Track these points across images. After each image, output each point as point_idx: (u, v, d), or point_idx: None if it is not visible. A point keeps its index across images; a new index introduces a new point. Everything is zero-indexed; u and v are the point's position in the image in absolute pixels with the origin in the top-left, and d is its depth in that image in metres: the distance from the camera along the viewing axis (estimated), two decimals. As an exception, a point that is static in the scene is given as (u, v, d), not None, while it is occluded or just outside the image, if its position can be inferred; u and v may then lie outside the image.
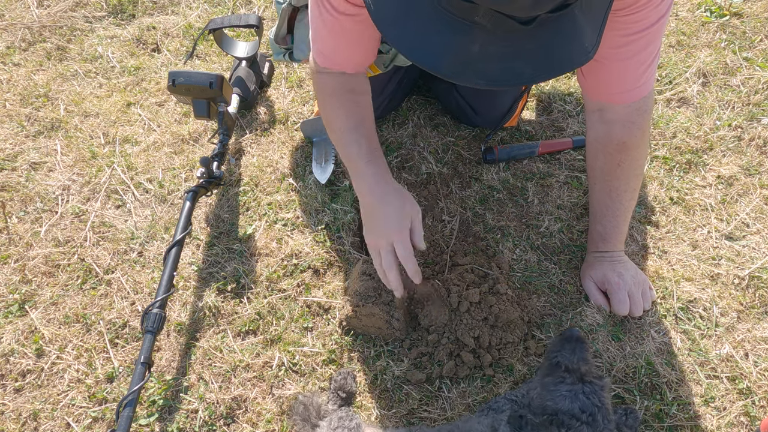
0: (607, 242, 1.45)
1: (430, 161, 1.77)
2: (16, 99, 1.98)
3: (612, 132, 1.34)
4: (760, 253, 1.53)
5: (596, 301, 1.45)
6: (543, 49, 0.84)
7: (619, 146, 1.34)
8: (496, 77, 0.86)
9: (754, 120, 1.80)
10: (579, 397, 1.02)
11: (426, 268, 1.53)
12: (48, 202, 1.71)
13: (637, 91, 1.26)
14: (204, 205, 1.70)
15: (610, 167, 1.38)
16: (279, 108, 1.95)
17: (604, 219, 1.44)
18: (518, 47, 0.83)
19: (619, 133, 1.33)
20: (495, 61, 0.84)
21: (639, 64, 1.21)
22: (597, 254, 1.47)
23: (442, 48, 0.84)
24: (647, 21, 1.12)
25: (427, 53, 0.85)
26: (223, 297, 1.51)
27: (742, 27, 2.04)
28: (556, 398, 1.03)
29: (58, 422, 1.32)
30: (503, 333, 1.37)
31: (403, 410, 1.31)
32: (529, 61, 0.85)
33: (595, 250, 1.48)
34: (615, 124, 1.32)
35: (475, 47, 0.83)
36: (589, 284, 1.46)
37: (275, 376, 1.37)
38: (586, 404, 1.01)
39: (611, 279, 1.42)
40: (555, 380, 1.06)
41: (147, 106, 1.97)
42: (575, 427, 0.98)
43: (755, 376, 1.33)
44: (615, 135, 1.33)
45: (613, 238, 1.45)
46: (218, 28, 1.83)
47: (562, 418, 0.99)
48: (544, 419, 1.00)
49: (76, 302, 1.51)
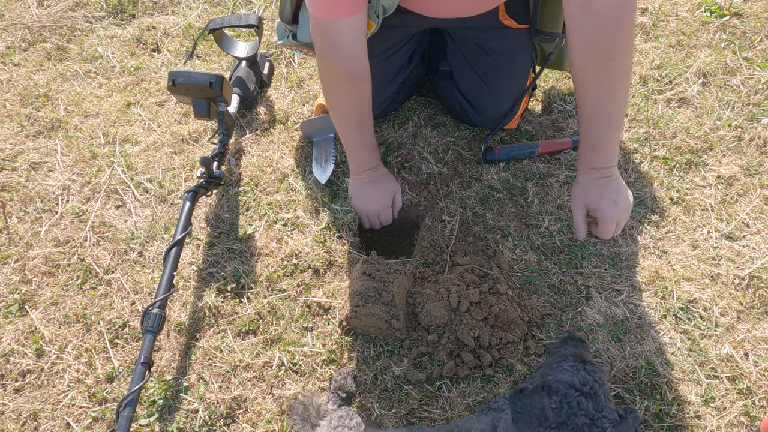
0: (600, 153, 1.36)
1: (430, 161, 1.77)
2: (16, 99, 1.98)
3: (603, 23, 1.24)
4: (760, 253, 1.53)
5: (578, 227, 1.39)
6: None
7: (612, 37, 1.25)
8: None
9: (754, 120, 1.80)
10: (580, 372, 1.01)
11: (426, 268, 1.54)
12: (48, 202, 1.71)
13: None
14: (204, 205, 1.70)
15: (603, 64, 1.29)
16: (279, 108, 1.95)
17: (599, 126, 1.35)
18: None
19: (610, 23, 1.24)
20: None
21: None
22: (590, 172, 1.38)
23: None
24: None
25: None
26: (223, 297, 1.51)
27: (742, 27, 2.04)
28: (556, 372, 1.02)
29: (58, 422, 1.32)
30: (503, 333, 1.37)
31: (403, 410, 1.31)
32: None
33: (588, 167, 1.38)
34: (605, 12, 1.23)
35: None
36: (579, 212, 1.39)
37: (275, 376, 1.37)
38: (586, 379, 1.00)
39: (605, 208, 1.34)
40: (557, 360, 1.06)
41: (147, 106, 1.97)
42: (573, 396, 0.96)
43: (755, 376, 1.33)
44: (606, 27, 1.24)
45: (605, 149, 1.36)
46: (218, 28, 1.83)
47: (557, 387, 0.97)
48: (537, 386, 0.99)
49: (76, 302, 1.51)
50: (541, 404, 0.96)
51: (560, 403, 0.96)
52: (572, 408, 0.96)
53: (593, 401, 0.97)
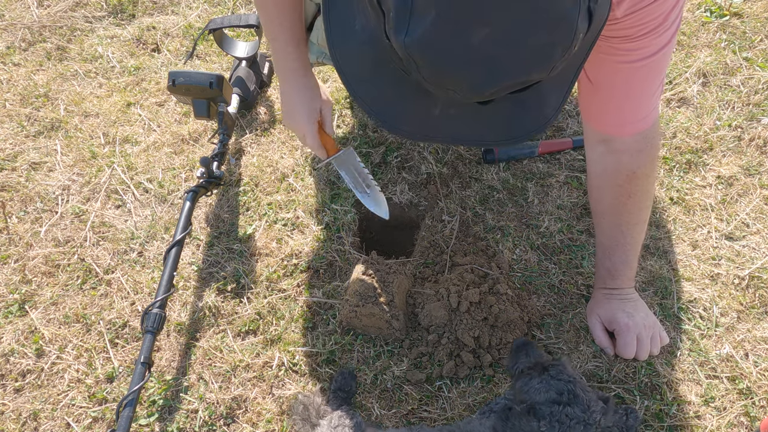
0: (616, 279, 1.37)
1: (430, 161, 1.77)
2: (16, 99, 1.98)
3: (621, 163, 1.25)
4: (760, 253, 1.53)
5: (600, 343, 1.38)
6: (501, 117, 0.83)
7: (630, 176, 1.26)
8: (458, 136, 0.86)
9: (754, 120, 1.80)
10: (551, 383, 1.03)
11: (426, 268, 1.53)
12: (48, 202, 1.71)
13: (647, 120, 1.20)
14: (204, 205, 1.70)
15: (621, 200, 1.29)
16: (279, 108, 1.95)
17: (614, 255, 1.35)
18: (477, 114, 0.83)
19: (629, 163, 1.24)
20: (456, 121, 0.84)
21: (650, 94, 1.16)
22: (605, 291, 1.39)
23: (403, 111, 0.85)
24: (650, 49, 1.06)
25: (389, 115, 0.86)
26: (223, 297, 1.51)
27: (742, 27, 2.04)
28: (532, 395, 1.04)
29: (58, 422, 1.32)
30: (503, 333, 1.37)
31: (403, 410, 1.31)
32: (487, 126, 0.85)
33: (603, 286, 1.40)
34: (624, 153, 1.24)
35: (435, 110, 0.83)
36: (595, 324, 1.39)
37: (275, 376, 1.37)
38: (559, 386, 1.02)
39: (620, 319, 1.33)
40: (525, 381, 1.08)
41: (147, 106, 1.97)
42: (559, 412, 0.98)
43: (755, 376, 1.33)
44: (624, 166, 1.25)
45: (622, 275, 1.36)
46: (218, 28, 1.83)
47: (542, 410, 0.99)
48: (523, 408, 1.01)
49: (76, 302, 1.51)
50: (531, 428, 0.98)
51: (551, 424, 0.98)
52: (564, 423, 0.98)
53: (578, 405, 0.99)
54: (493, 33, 0.66)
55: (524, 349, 1.16)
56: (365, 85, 0.85)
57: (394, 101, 0.85)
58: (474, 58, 0.68)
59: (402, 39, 0.68)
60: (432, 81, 0.73)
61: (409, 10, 0.66)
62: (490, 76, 0.70)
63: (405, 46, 0.68)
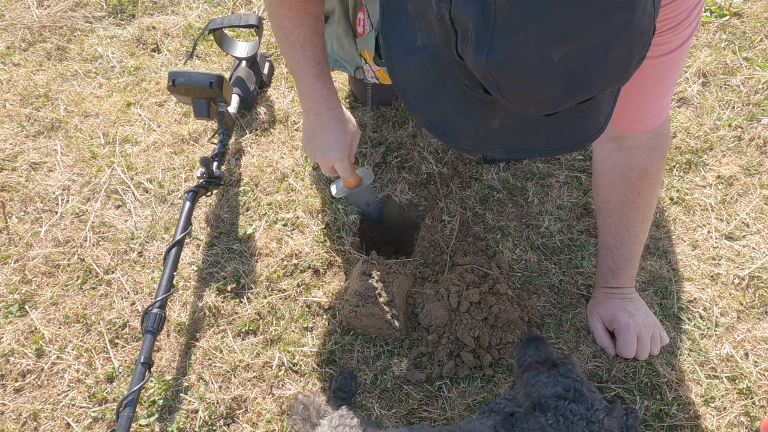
0: (618, 277, 1.37)
1: (430, 161, 1.77)
2: (16, 99, 1.98)
3: (633, 160, 1.25)
4: (760, 253, 1.53)
5: (601, 343, 1.38)
6: (559, 127, 0.83)
7: (641, 174, 1.26)
8: (512, 147, 0.86)
9: (754, 120, 1.80)
10: (559, 380, 1.04)
11: (426, 268, 1.54)
12: (48, 202, 1.71)
13: (660, 116, 1.20)
14: (204, 205, 1.70)
15: (630, 198, 1.29)
16: (279, 108, 1.95)
17: (618, 253, 1.35)
18: (536, 125, 0.83)
19: (640, 161, 1.25)
20: (512, 132, 0.84)
21: (666, 91, 1.16)
22: (606, 290, 1.39)
23: (464, 125, 0.85)
24: (671, 44, 1.06)
25: (450, 130, 0.86)
26: (223, 297, 1.51)
27: (742, 27, 2.04)
28: (539, 389, 1.05)
29: (58, 422, 1.32)
30: (503, 333, 1.37)
31: (403, 410, 1.31)
32: (544, 136, 0.85)
33: (604, 285, 1.40)
34: (635, 150, 1.25)
35: (495, 123, 0.83)
36: (596, 323, 1.39)
37: (275, 376, 1.37)
38: (567, 383, 1.03)
39: (621, 319, 1.34)
40: (533, 374, 1.08)
41: (147, 106, 1.97)
42: (564, 407, 0.99)
43: (755, 376, 1.33)
44: (636, 163, 1.25)
45: (624, 273, 1.37)
46: (218, 28, 1.83)
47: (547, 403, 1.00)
48: (528, 405, 1.01)
49: (76, 302, 1.51)
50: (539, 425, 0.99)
51: (556, 418, 0.98)
52: (568, 418, 0.98)
53: (583, 402, 1.00)
54: (576, 49, 0.67)
55: (535, 343, 1.15)
56: (425, 101, 0.85)
57: (453, 116, 0.85)
58: (557, 74, 0.69)
59: (483, 58, 0.68)
60: (510, 97, 0.73)
61: (491, 30, 0.66)
62: (570, 91, 0.71)
63: (486, 63, 0.68)
